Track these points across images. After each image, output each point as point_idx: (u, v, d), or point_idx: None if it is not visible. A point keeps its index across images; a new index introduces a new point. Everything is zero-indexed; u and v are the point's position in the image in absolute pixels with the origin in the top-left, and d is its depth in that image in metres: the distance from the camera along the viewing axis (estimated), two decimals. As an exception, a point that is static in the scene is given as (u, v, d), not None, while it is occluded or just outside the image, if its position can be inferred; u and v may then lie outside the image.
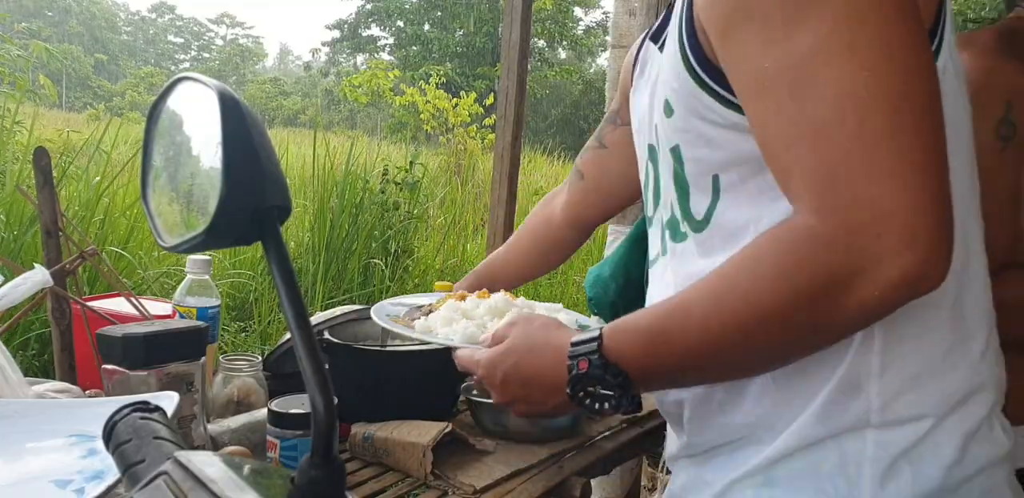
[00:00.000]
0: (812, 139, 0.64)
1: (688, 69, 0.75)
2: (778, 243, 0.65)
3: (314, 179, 4.99)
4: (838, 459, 0.73)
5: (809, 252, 0.62)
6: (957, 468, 0.72)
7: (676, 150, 0.81)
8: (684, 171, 0.81)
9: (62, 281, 1.32)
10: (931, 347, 0.74)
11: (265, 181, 0.45)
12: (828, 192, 0.62)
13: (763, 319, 0.65)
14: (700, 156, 0.79)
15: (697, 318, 0.68)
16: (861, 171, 0.61)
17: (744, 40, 0.68)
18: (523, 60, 2.58)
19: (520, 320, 0.85)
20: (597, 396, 0.74)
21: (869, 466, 0.72)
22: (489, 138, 8.74)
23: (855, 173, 0.61)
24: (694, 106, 0.76)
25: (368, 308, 1.49)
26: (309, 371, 0.42)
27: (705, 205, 0.80)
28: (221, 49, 59.68)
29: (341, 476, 0.42)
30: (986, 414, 0.75)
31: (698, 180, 0.80)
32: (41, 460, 0.92)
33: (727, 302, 0.67)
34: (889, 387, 0.73)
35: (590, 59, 28.63)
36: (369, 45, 28.34)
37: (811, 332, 0.66)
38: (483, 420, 1.32)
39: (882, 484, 0.72)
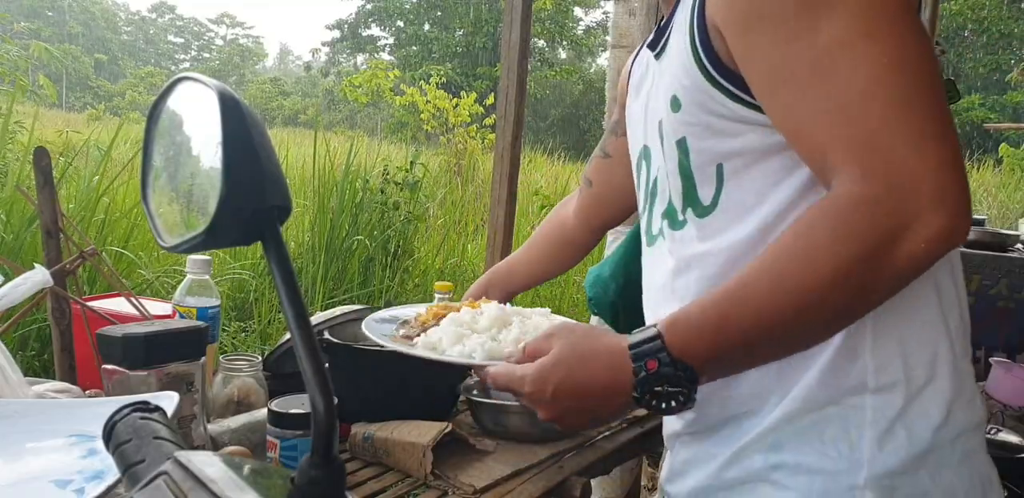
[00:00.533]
0: (845, 114, 0.70)
1: (699, 66, 0.80)
2: (827, 212, 0.70)
3: (314, 179, 4.99)
4: (840, 424, 0.79)
5: (859, 215, 0.68)
6: (943, 430, 0.79)
7: (683, 142, 0.86)
8: (690, 162, 0.86)
9: (62, 281, 1.32)
10: (915, 318, 0.81)
11: (265, 181, 0.45)
12: (868, 158, 0.68)
13: (826, 286, 0.69)
14: (706, 147, 0.84)
15: (760, 297, 0.71)
16: (897, 139, 0.68)
17: (762, 38, 0.73)
18: (523, 60, 2.58)
19: (560, 331, 0.83)
20: (665, 395, 0.74)
21: (869, 429, 0.79)
22: (489, 138, 8.74)
23: (891, 141, 0.68)
24: (703, 100, 0.81)
25: (368, 308, 1.49)
26: (309, 371, 0.42)
27: (711, 192, 0.85)
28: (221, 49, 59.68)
29: (341, 476, 0.42)
30: (963, 383, 0.82)
31: (704, 169, 0.85)
32: (41, 460, 0.92)
33: (788, 275, 0.70)
34: (881, 352, 0.79)
35: (590, 59, 28.63)
36: (369, 45, 28.35)
37: (870, 291, 0.70)
38: (483, 420, 1.32)
39: (880, 445, 0.78)
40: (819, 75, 0.71)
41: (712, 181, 0.85)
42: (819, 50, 0.71)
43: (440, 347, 1.07)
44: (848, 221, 0.68)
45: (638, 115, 1.00)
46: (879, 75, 0.69)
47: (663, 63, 0.90)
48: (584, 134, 22.35)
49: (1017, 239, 3.38)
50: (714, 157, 0.83)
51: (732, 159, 0.82)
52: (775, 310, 0.70)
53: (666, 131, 0.89)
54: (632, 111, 1.03)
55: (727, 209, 0.84)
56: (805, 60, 0.71)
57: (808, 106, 0.72)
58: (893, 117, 0.68)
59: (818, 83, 0.71)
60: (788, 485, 0.81)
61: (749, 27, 0.74)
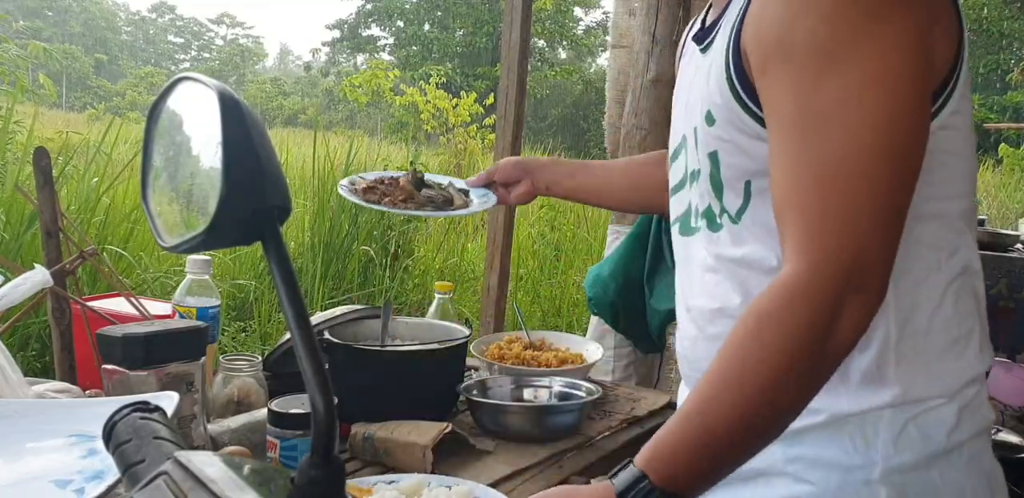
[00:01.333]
0: (808, 184, 0.75)
1: (731, 89, 0.83)
2: (772, 304, 0.75)
3: (314, 179, 4.99)
4: (858, 423, 0.83)
5: (804, 302, 0.73)
6: (955, 433, 0.83)
7: (714, 156, 0.89)
8: (720, 174, 0.89)
9: (62, 281, 1.32)
10: (938, 341, 0.84)
11: (265, 181, 0.45)
12: (818, 236, 0.74)
13: (784, 378, 0.74)
14: (736, 163, 0.86)
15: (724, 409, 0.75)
16: (846, 219, 0.73)
17: (779, 79, 0.77)
18: (523, 60, 2.57)
19: None
20: None
21: (884, 430, 0.82)
22: (489, 138, 8.73)
23: (840, 221, 0.73)
24: (733, 120, 0.84)
25: (368, 308, 1.49)
26: (309, 371, 0.42)
27: (737, 205, 0.88)
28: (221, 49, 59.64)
29: (341, 476, 0.42)
30: (980, 390, 0.86)
31: (733, 184, 0.88)
32: (41, 460, 0.92)
33: (749, 380, 0.74)
34: (907, 375, 0.83)
35: (590, 59, 28.60)
36: (369, 45, 28.33)
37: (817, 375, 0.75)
38: (483, 420, 1.32)
39: (895, 445, 0.82)
40: (807, 135, 0.75)
41: (740, 196, 0.87)
42: (818, 108, 0.74)
43: None
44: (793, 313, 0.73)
45: (681, 104, 1.01)
46: (853, 149, 0.73)
47: (706, 64, 0.91)
48: (584, 134, 22.33)
49: (1017, 239, 3.38)
50: (743, 173, 0.86)
51: (760, 178, 0.84)
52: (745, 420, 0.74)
53: (700, 140, 0.91)
54: (679, 92, 1.04)
55: (750, 226, 0.87)
56: (803, 115, 0.75)
57: (786, 162, 0.77)
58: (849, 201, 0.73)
59: (799, 142, 0.75)
60: (806, 478, 0.84)
61: (768, 65, 0.78)
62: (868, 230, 0.73)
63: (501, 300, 2.70)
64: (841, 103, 0.73)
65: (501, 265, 2.69)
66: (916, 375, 0.83)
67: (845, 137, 0.73)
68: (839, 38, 0.73)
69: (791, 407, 0.76)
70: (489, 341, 1.68)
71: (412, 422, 1.21)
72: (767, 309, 0.75)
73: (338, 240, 4.47)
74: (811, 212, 0.74)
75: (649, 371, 2.67)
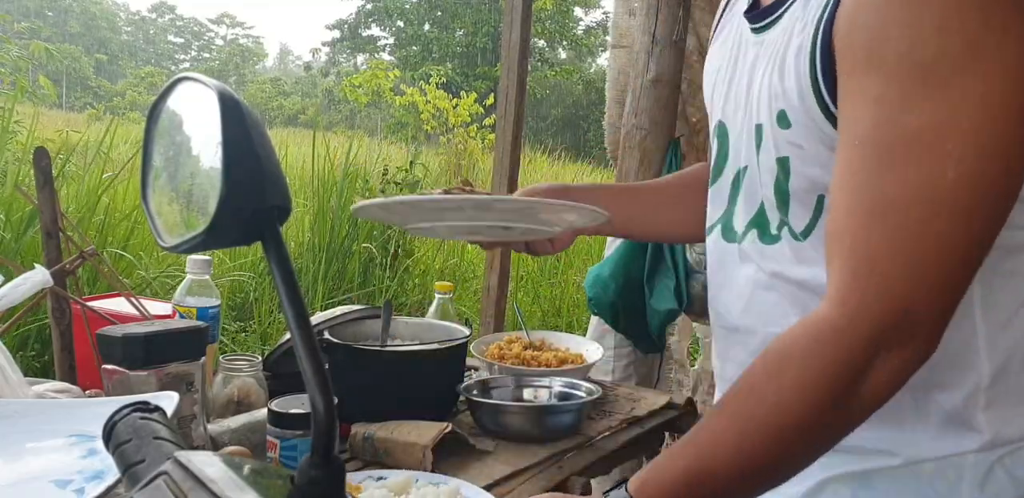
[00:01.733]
0: (868, 216, 0.66)
1: (815, 93, 0.73)
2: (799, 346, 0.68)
3: (314, 179, 4.99)
4: (937, 467, 0.76)
5: (832, 353, 0.66)
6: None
7: (785, 162, 0.78)
8: (789, 184, 0.79)
9: (62, 281, 1.32)
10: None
11: (265, 181, 0.45)
12: (865, 277, 0.66)
13: (795, 427, 0.68)
14: (810, 174, 0.76)
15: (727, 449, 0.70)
16: (900, 265, 0.65)
17: (863, 89, 0.67)
18: (523, 60, 2.57)
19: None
20: None
21: (969, 472, 0.75)
22: (489, 138, 8.74)
23: (893, 266, 0.65)
24: (812, 127, 0.74)
25: (369, 308, 1.49)
26: (309, 371, 0.42)
27: (806, 220, 0.78)
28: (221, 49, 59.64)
29: (341, 476, 0.42)
30: None
31: (803, 196, 0.78)
32: (41, 460, 0.92)
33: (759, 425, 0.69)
34: (996, 418, 0.76)
35: (590, 59, 28.59)
36: (369, 45, 28.33)
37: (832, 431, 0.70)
38: (483, 420, 1.32)
39: (982, 487, 0.75)
40: (876, 158, 0.66)
41: (810, 211, 0.78)
42: (900, 133, 0.64)
43: None
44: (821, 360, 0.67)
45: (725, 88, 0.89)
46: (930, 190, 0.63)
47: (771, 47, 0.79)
48: (584, 134, 22.32)
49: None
50: (816, 186, 0.76)
51: None
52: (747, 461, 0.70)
53: (766, 142, 0.80)
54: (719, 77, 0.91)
55: (819, 246, 0.76)
56: (883, 137, 0.65)
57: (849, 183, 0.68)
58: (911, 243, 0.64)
59: (871, 167, 0.66)
60: None
61: (855, 70, 0.68)
62: (925, 283, 0.64)
63: (501, 300, 2.70)
64: (931, 130, 0.63)
65: (501, 265, 2.69)
66: (1008, 418, 0.75)
67: (926, 170, 0.63)
68: (948, 53, 0.62)
69: (797, 459, 0.71)
70: (489, 341, 1.68)
71: (412, 422, 1.21)
72: (791, 351, 0.68)
73: (338, 240, 4.47)
74: (863, 249, 0.66)
75: (649, 371, 2.67)
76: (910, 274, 0.65)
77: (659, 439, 1.51)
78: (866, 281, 0.66)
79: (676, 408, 1.51)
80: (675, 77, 2.55)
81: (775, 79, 0.77)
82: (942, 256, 0.64)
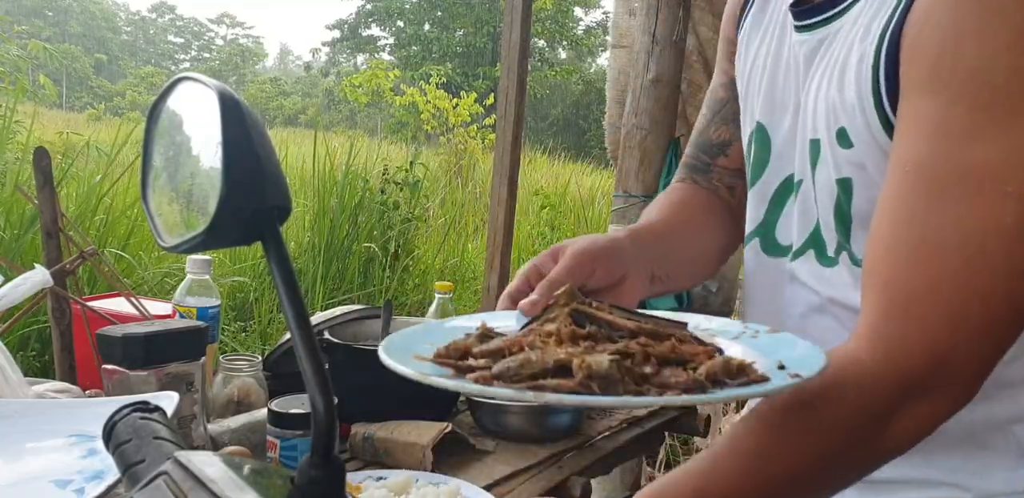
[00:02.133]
0: (910, 254, 0.60)
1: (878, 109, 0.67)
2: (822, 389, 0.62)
3: (314, 179, 4.99)
4: None
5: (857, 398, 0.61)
6: None
7: (846, 183, 0.72)
8: (851, 206, 0.73)
9: (62, 281, 1.32)
10: None
11: (265, 181, 0.45)
12: (895, 321, 0.61)
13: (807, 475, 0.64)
14: (875, 196, 0.69)
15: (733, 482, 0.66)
16: (939, 312, 0.59)
17: (923, 110, 0.61)
18: (523, 60, 2.58)
19: None
20: None
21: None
22: (489, 138, 8.73)
23: (932, 311, 0.59)
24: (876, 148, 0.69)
25: (368, 308, 1.49)
26: (309, 371, 0.42)
27: None
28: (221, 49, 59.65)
29: (341, 476, 0.42)
30: None
31: (866, 219, 0.70)
32: (41, 460, 0.92)
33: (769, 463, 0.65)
34: None
35: (590, 59, 28.60)
36: (369, 45, 28.34)
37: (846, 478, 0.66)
38: (483, 420, 1.32)
39: None
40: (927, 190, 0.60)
41: None
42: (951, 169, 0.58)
43: None
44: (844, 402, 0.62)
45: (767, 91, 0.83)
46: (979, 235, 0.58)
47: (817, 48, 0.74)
48: (584, 134, 22.32)
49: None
50: None
51: None
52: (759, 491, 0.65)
53: (825, 159, 0.74)
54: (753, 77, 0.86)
55: None
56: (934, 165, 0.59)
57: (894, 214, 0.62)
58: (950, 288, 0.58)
59: (921, 199, 0.60)
60: None
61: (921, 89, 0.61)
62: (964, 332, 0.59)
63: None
64: (993, 168, 0.57)
65: (501, 265, 2.69)
66: None
67: (981, 210, 0.57)
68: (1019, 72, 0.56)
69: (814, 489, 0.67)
70: (489, 341, 1.68)
71: (412, 422, 1.21)
72: (814, 390, 0.62)
73: (338, 240, 4.47)
74: (901, 289, 0.61)
75: (649, 371, 2.66)
76: (948, 322, 0.59)
77: (659, 439, 1.51)
78: (900, 325, 0.60)
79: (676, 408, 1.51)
80: (675, 77, 2.55)
81: (833, 91, 0.71)
82: (988, 306, 0.58)
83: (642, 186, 2.59)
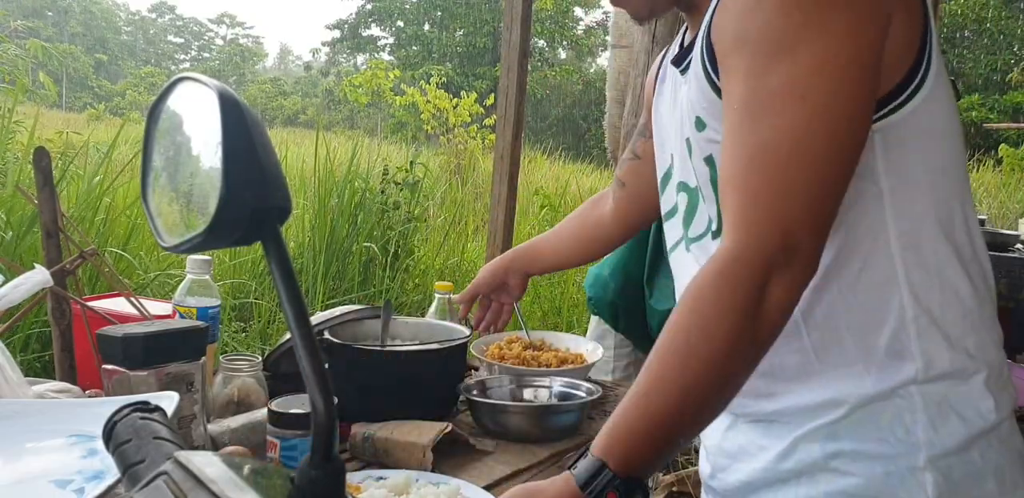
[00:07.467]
0: (747, 163, 0.79)
1: (714, 89, 0.86)
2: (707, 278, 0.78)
3: (314, 179, 4.99)
4: (893, 411, 0.84)
5: (735, 274, 0.76)
6: (990, 413, 0.84)
7: (710, 159, 0.91)
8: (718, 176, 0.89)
9: (62, 281, 1.32)
10: (956, 313, 0.85)
11: (265, 181, 0.45)
12: (752, 212, 0.78)
13: (724, 349, 0.76)
14: None
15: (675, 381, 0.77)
16: (776, 195, 0.77)
17: (734, 68, 0.81)
18: (523, 60, 2.57)
19: None
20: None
21: (921, 414, 0.83)
22: (489, 138, 8.74)
23: (772, 197, 0.77)
24: (720, 119, 0.86)
25: (369, 308, 1.49)
26: (309, 371, 0.42)
27: None
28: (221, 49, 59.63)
29: (341, 476, 0.42)
30: (1002, 367, 0.88)
31: None
32: (41, 460, 0.92)
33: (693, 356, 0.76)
34: (928, 350, 0.84)
35: (590, 59, 28.60)
36: (369, 45, 28.35)
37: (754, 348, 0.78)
38: (483, 420, 1.32)
39: (935, 428, 0.83)
40: (753, 116, 0.78)
41: None
42: (764, 92, 0.78)
43: None
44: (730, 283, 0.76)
45: (666, 123, 1.04)
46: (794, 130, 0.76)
47: (688, 78, 0.94)
48: (584, 134, 22.33)
49: (1017, 239, 3.38)
50: None
51: None
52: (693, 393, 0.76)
53: (694, 149, 0.93)
54: (660, 118, 1.07)
55: None
56: (751, 99, 0.79)
57: (732, 141, 0.80)
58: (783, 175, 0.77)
59: (745, 124, 0.79)
60: (850, 471, 0.85)
61: (727, 57, 0.82)
62: (798, 209, 0.76)
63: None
64: (786, 87, 0.77)
65: (501, 265, 2.68)
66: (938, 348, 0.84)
67: (786, 119, 0.76)
68: (790, 27, 0.77)
69: (735, 381, 0.78)
70: (489, 341, 1.68)
71: (412, 422, 1.21)
72: (703, 284, 0.78)
73: (338, 240, 4.47)
74: (746, 191, 0.78)
75: (649, 371, 2.66)
76: (785, 203, 0.76)
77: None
78: (752, 215, 0.77)
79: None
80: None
81: (693, 94, 0.91)
82: (811, 186, 0.77)
83: (642, 186, 2.59)
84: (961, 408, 0.84)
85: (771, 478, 0.90)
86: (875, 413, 0.84)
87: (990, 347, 0.88)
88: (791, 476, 0.88)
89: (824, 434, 0.86)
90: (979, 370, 0.85)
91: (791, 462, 0.88)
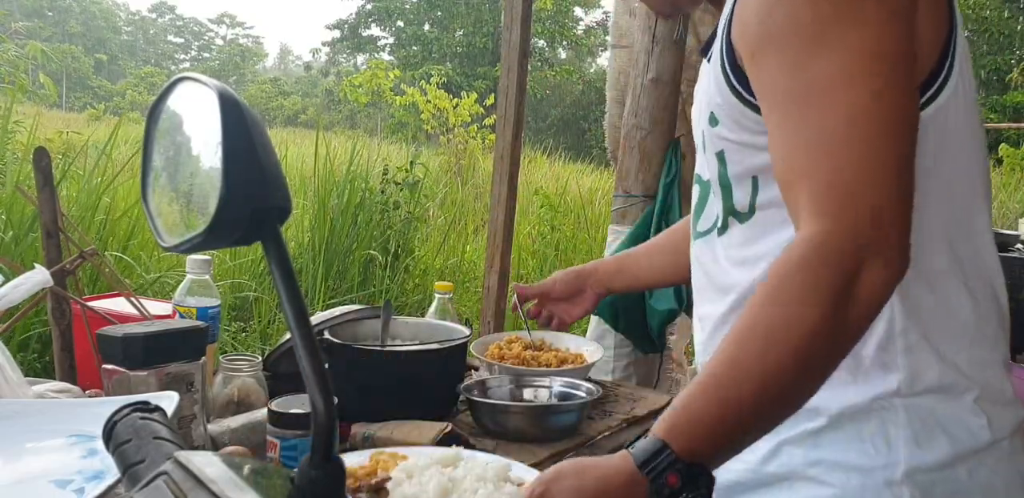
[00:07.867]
0: (813, 152, 0.76)
1: (730, 87, 0.85)
2: (791, 264, 0.74)
3: (314, 179, 4.99)
4: (878, 423, 0.82)
5: (823, 260, 0.72)
6: (981, 431, 0.82)
7: (721, 155, 0.91)
8: (728, 173, 0.91)
9: (62, 281, 1.32)
10: (950, 328, 0.83)
11: (265, 181, 0.45)
12: (832, 198, 0.74)
13: (808, 335, 0.72)
14: (742, 160, 0.88)
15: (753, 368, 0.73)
16: (859, 181, 0.74)
17: (768, 63, 0.79)
18: (523, 60, 2.57)
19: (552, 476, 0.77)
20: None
21: (905, 429, 0.81)
22: (489, 138, 8.74)
23: (854, 183, 0.74)
24: (736, 117, 0.86)
25: (369, 308, 1.49)
26: (309, 371, 0.42)
27: (747, 200, 0.90)
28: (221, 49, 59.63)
29: (341, 476, 0.42)
30: (1002, 385, 0.85)
31: (740, 180, 0.90)
32: (41, 460, 0.92)
33: (773, 345, 0.72)
34: (916, 363, 0.82)
35: (590, 59, 28.60)
36: (369, 45, 28.35)
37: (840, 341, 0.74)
38: (483, 420, 1.32)
39: (918, 443, 0.81)
40: (799, 107, 0.76)
41: (748, 190, 0.89)
42: (806, 84, 0.76)
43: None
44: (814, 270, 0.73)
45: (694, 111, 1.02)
46: (856, 116, 0.74)
47: (707, 70, 0.93)
48: (584, 134, 22.32)
49: (1017, 239, 3.38)
50: (749, 170, 0.88)
51: (765, 172, 0.85)
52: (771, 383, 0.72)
53: (707, 143, 0.93)
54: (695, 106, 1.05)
55: (765, 216, 0.88)
56: (800, 89, 0.76)
57: (788, 131, 0.78)
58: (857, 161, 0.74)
59: (797, 115, 0.77)
60: (827, 481, 0.83)
61: (756, 52, 0.80)
62: (879, 190, 0.73)
63: (501, 300, 2.70)
64: (832, 77, 0.75)
65: (501, 265, 2.69)
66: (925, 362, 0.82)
67: (841, 106, 0.75)
68: (819, 18, 0.75)
69: (816, 374, 0.74)
70: (489, 341, 1.68)
71: (412, 422, 1.21)
72: (785, 271, 0.74)
73: (338, 240, 4.47)
74: (820, 178, 0.75)
75: (649, 371, 2.67)
76: (865, 185, 0.73)
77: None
78: (834, 200, 0.74)
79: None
80: (675, 77, 2.55)
81: (711, 87, 0.89)
82: (883, 167, 0.74)
83: (642, 186, 2.59)
84: (949, 424, 0.81)
85: (753, 481, 0.90)
86: (859, 423, 0.83)
87: (988, 365, 0.84)
88: (773, 480, 0.88)
89: (809, 441, 0.85)
90: (971, 387, 0.83)
91: (773, 465, 0.87)
